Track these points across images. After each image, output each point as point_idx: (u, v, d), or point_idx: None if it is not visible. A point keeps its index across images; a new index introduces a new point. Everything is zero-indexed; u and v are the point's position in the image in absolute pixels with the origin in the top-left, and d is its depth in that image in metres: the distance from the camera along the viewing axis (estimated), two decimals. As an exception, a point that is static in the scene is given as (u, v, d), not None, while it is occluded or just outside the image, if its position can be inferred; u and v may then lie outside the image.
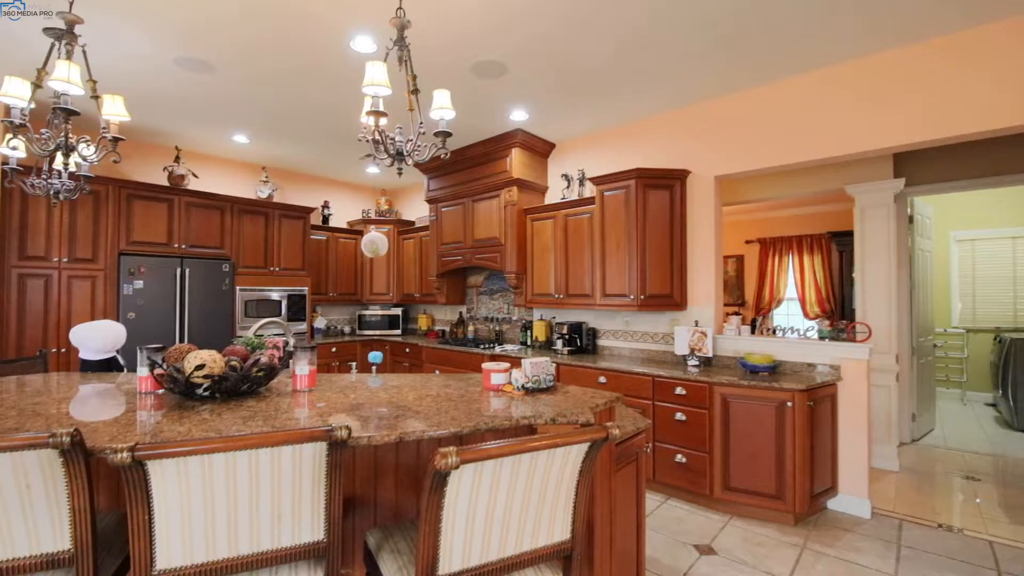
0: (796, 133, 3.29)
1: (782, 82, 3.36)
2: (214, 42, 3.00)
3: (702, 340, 3.41)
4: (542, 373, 1.89)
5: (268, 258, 5.21)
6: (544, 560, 1.28)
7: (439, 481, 1.07)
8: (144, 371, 1.79)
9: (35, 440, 1.06)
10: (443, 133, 2.19)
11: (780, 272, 6.89)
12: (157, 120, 4.28)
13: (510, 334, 5.10)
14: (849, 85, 3.09)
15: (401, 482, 1.83)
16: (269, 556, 1.19)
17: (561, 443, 1.18)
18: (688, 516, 3.09)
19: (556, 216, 4.27)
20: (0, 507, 1.08)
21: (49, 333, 3.97)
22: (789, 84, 3.33)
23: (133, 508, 1.06)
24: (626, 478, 2.00)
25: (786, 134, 3.33)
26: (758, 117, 3.46)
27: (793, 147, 3.31)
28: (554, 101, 3.77)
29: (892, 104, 2.94)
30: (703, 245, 3.69)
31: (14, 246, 3.82)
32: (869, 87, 3.01)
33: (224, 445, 1.07)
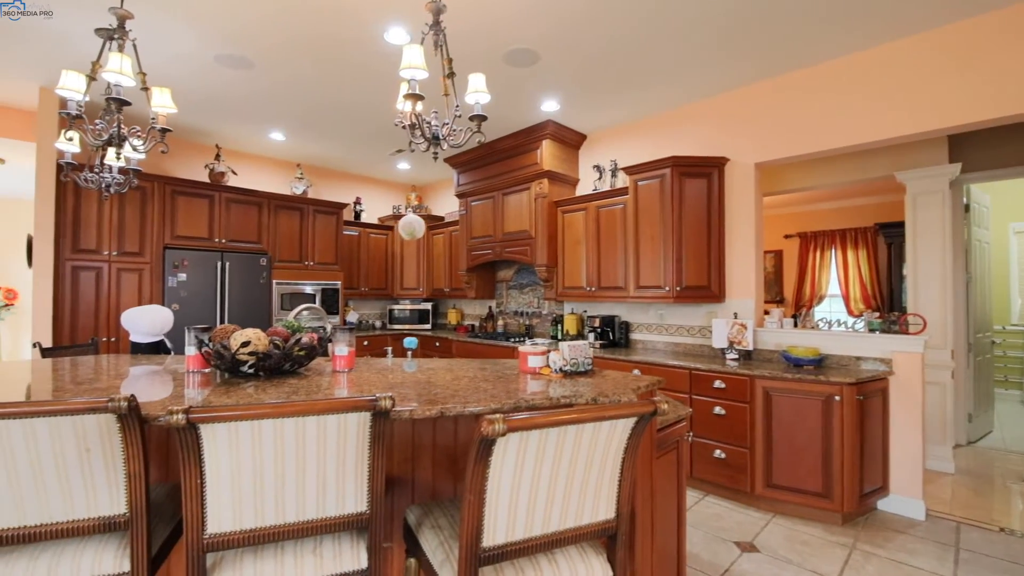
0: (842, 116, 3.15)
1: (826, 64, 3.22)
2: (254, 39, 3.08)
3: (741, 333, 3.29)
4: (580, 356, 1.86)
5: (303, 252, 5.33)
6: (587, 538, 1.24)
7: (485, 448, 1.05)
8: (192, 349, 1.84)
9: (95, 404, 1.09)
10: (479, 117, 2.17)
11: (822, 267, 6.63)
12: (199, 118, 4.43)
13: (540, 328, 5.06)
14: (900, 64, 2.94)
15: (438, 462, 1.82)
16: (314, 525, 1.19)
17: (609, 415, 1.14)
18: (727, 513, 2.99)
19: (588, 208, 4.22)
20: (62, 470, 1.11)
21: (100, 322, 4.15)
22: (834, 65, 3.19)
23: (186, 472, 1.08)
24: (667, 466, 1.94)
25: (831, 117, 3.19)
26: (801, 101, 3.33)
27: (839, 131, 3.16)
28: (586, 91, 3.72)
29: (947, 82, 2.77)
30: (742, 235, 3.57)
31: (68, 240, 4.01)
32: (923, 65, 2.86)
33: (273, 411, 1.08)
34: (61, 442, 1.10)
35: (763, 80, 3.50)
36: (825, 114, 3.22)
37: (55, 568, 1.15)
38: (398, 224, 4.52)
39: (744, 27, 2.85)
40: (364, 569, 1.24)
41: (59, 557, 1.17)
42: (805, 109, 3.30)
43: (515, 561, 1.21)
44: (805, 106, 3.31)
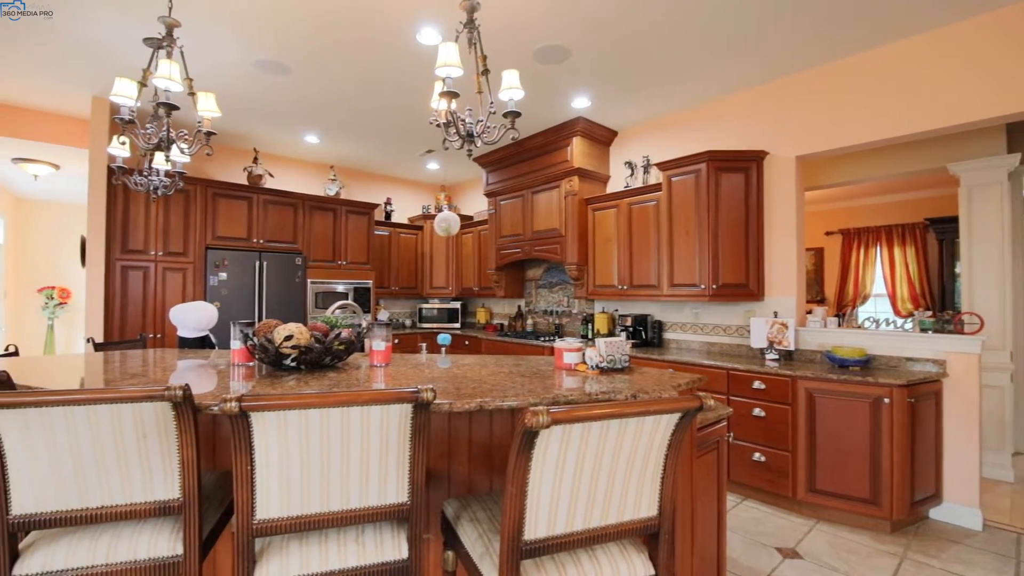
0: (891, 104, 3.01)
1: (874, 51, 3.08)
2: (292, 45, 3.17)
3: (782, 332, 3.19)
4: (617, 353, 1.83)
5: (336, 252, 5.45)
6: (629, 535, 1.22)
7: (527, 440, 1.04)
8: (237, 343, 1.90)
9: (152, 392, 1.14)
10: (512, 113, 2.18)
11: (866, 265, 6.34)
12: (238, 123, 4.58)
13: (570, 327, 5.03)
14: (954, 49, 2.78)
15: (474, 457, 1.82)
16: (357, 514, 1.21)
17: (653, 410, 1.12)
18: (767, 518, 2.89)
19: (619, 205, 4.16)
20: (121, 455, 1.16)
21: (147, 319, 4.34)
22: (883, 53, 3.05)
23: (238, 459, 1.11)
24: (707, 466, 1.89)
25: (879, 106, 3.05)
26: (846, 90, 3.19)
27: (888, 120, 3.02)
28: (618, 86, 3.68)
29: (1006, 66, 2.61)
30: (783, 231, 3.45)
31: (118, 241, 4.21)
32: (980, 49, 2.70)
33: (319, 401, 1.10)
34: (121, 428, 1.14)
35: (805, 70, 3.37)
36: (872, 103, 3.08)
37: (114, 549, 1.20)
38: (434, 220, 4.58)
39: (785, 15, 2.75)
40: (404, 559, 1.25)
41: (117, 539, 1.22)
42: (851, 99, 3.17)
43: (555, 556, 1.20)
44: (851, 95, 3.17)
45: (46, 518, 1.15)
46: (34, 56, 3.33)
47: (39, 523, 1.15)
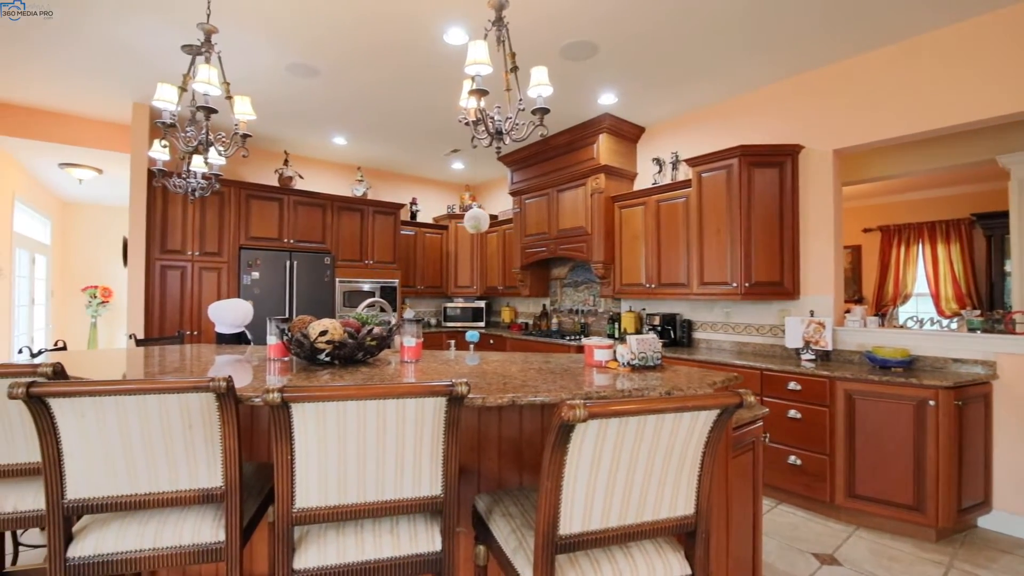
0: (937, 94, 2.87)
1: (922, 37, 2.95)
2: (322, 48, 3.23)
3: (819, 332, 3.09)
4: (649, 350, 1.80)
5: (363, 252, 5.54)
6: (664, 533, 1.20)
7: (563, 434, 1.03)
8: (274, 339, 1.95)
9: (198, 383, 1.17)
10: (541, 110, 2.17)
11: (907, 263, 6.08)
12: (269, 126, 4.70)
13: (596, 326, 4.99)
14: (1005, 34, 2.64)
15: (504, 453, 1.82)
16: (391, 505, 1.22)
17: (691, 405, 1.09)
18: (803, 523, 2.80)
19: (647, 202, 4.11)
20: (168, 443, 1.20)
21: (184, 317, 4.49)
22: (932, 39, 2.91)
23: (278, 448, 1.13)
24: (742, 468, 1.85)
25: (924, 96, 2.92)
26: (889, 79, 3.07)
27: (934, 110, 2.89)
28: (646, 81, 3.63)
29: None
30: (819, 227, 3.34)
31: (157, 241, 4.37)
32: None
33: (357, 392, 1.12)
34: (168, 418, 1.18)
35: (844, 60, 3.26)
36: (917, 93, 2.95)
37: (161, 534, 1.25)
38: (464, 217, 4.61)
39: (821, 4, 2.67)
40: (438, 551, 1.26)
41: (164, 524, 1.26)
42: (894, 88, 3.04)
43: (590, 552, 1.19)
44: (894, 85, 3.05)
45: (98, 503, 1.20)
46: (78, 66, 3.49)
47: (91, 507, 1.20)
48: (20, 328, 5.59)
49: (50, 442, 1.15)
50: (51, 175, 5.63)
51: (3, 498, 1.44)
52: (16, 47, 3.24)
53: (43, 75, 3.64)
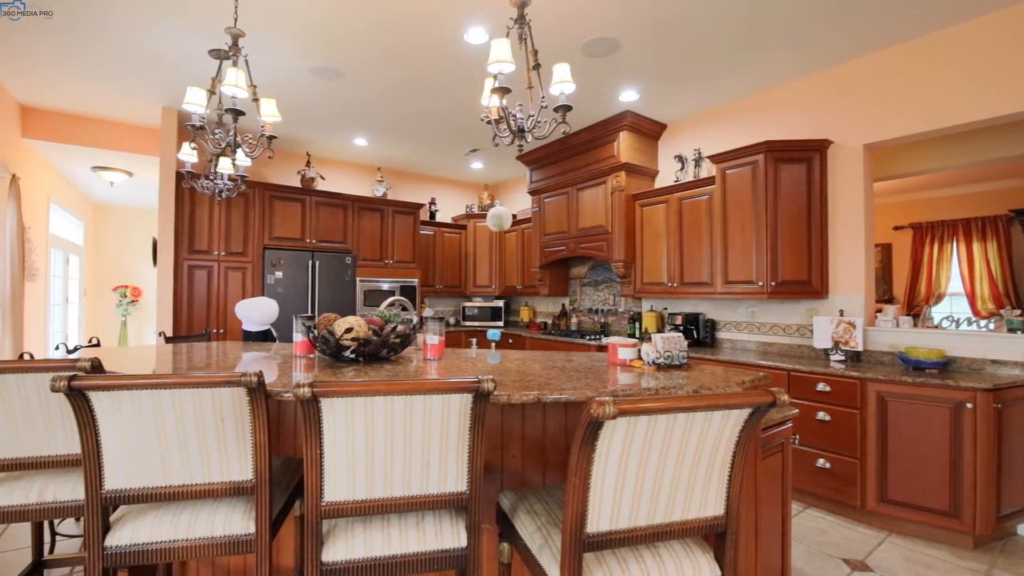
0: (975, 84, 2.76)
1: (956, 28, 2.84)
2: (346, 51, 3.27)
3: (849, 332, 3.00)
4: (675, 348, 1.78)
5: (383, 251, 5.59)
6: (693, 534, 1.18)
7: (592, 431, 1.02)
8: (299, 336, 1.98)
9: (230, 378, 1.19)
10: (564, 107, 2.16)
11: (940, 262, 5.87)
12: (293, 128, 4.78)
13: (616, 326, 4.94)
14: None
15: (527, 452, 1.81)
16: (417, 501, 1.23)
17: (723, 404, 1.07)
18: (832, 528, 2.73)
19: (669, 200, 4.05)
20: (201, 436, 1.23)
21: (211, 315, 4.60)
22: (966, 29, 2.81)
23: (308, 443, 1.15)
24: (771, 470, 1.80)
25: (961, 87, 2.81)
26: (923, 71, 2.97)
27: (971, 101, 2.77)
28: (668, 76, 3.58)
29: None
30: (849, 224, 3.25)
31: (185, 241, 4.48)
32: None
33: (386, 388, 1.13)
34: (201, 412, 1.21)
35: (876, 51, 3.16)
36: (953, 84, 2.84)
37: (194, 525, 1.27)
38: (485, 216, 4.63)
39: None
40: (463, 548, 1.26)
41: (196, 516, 1.29)
42: (928, 79, 2.94)
43: (617, 551, 1.17)
44: (928, 76, 2.94)
45: (134, 494, 1.23)
46: (110, 72, 3.61)
47: (127, 498, 1.23)
48: (55, 326, 5.79)
49: (90, 434, 1.18)
50: (84, 178, 5.83)
51: (43, 488, 1.49)
52: (51, 57, 3.35)
53: (77, 82, 3.77)
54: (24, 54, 3.34)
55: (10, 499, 1.45)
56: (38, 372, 1.39)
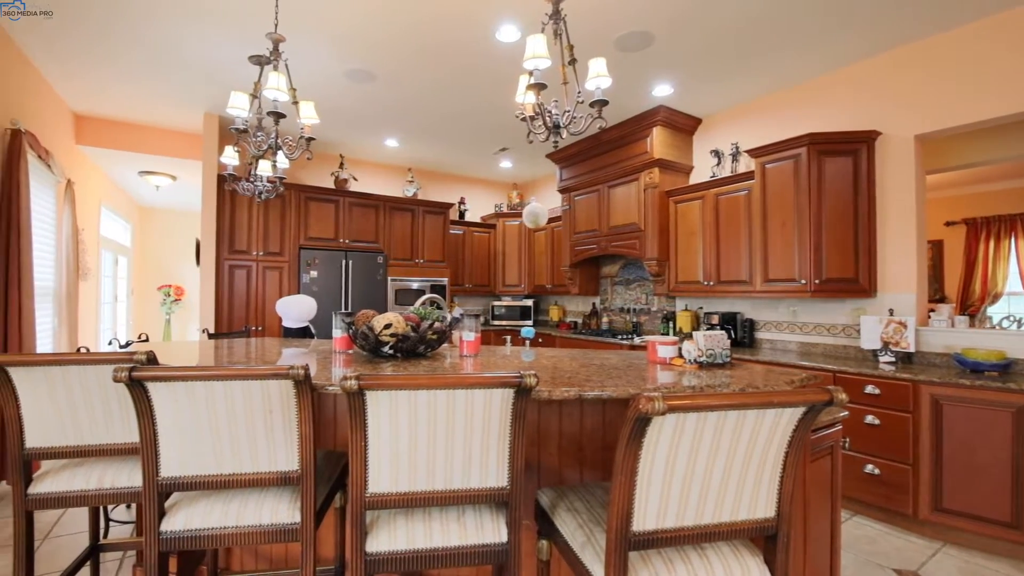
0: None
1: (1015, 11, 2.68)
2: (380, 53, 3.33)
3: (900, 332, 2.86)
4: (718, 347, 1.73)
5: (414, 251, 5.66)
6: (742, 536, 1.14)
7: (639, 427, 1.00)
8: (339, 332, 2.02)
9: (278, 371, 1.22)
10: (600, 102, 2.13)
11: (996, 259, 5.52)
12: (327, 130, 4.89)
13: (649, 326, 4.86)
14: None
15: (564, 449, 1.80)
16: (458, 495, 1.23)
17: (777, 402, 1.03)
18: (882, 536, 2.61)
19: (705, 196, 3.95)
20: (250, 427, 1.26)
21: (250, 313, 4.75)
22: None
23: (353, 435, 1.16)
24: (820, 473, 1.74)
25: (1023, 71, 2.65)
26: (980, 56, 2.80)
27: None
28: (705, 69, 3.50)
29: None
30: (900, 219, 3.09)
31: (225, 242, 4.64)
32: None
33: (429, 382, 1.13)
34: (251, 403, 1.24)
35: (932, 36, 2.99)
36: (1015, 68, 2.67)
37: (243, 513, 1.31)
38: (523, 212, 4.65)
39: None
40: (503, 543, 1.26)
41: (245, 504, 1.33)
42: (986, 64, 2.77)
43: (663, 551, 1.15)
44: (987, 61, 2.77)
45: (187, 481, 1.27)
46: (155, 80, 3.77)
47: (181, 485, 1.27)
48: (105, 323, 6.10)
49: (147, 423, 1.23)
50: (131, 182, 6.11)
51: (102, 475, 1.56)
52: (102, 66, 3.52)
53: (124, 87, 3.95)
54: (71, 57, 3.47)
55: (72, 484, 1.53)
56: (98, 364, 1.46)
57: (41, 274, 3.59)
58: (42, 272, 3.63)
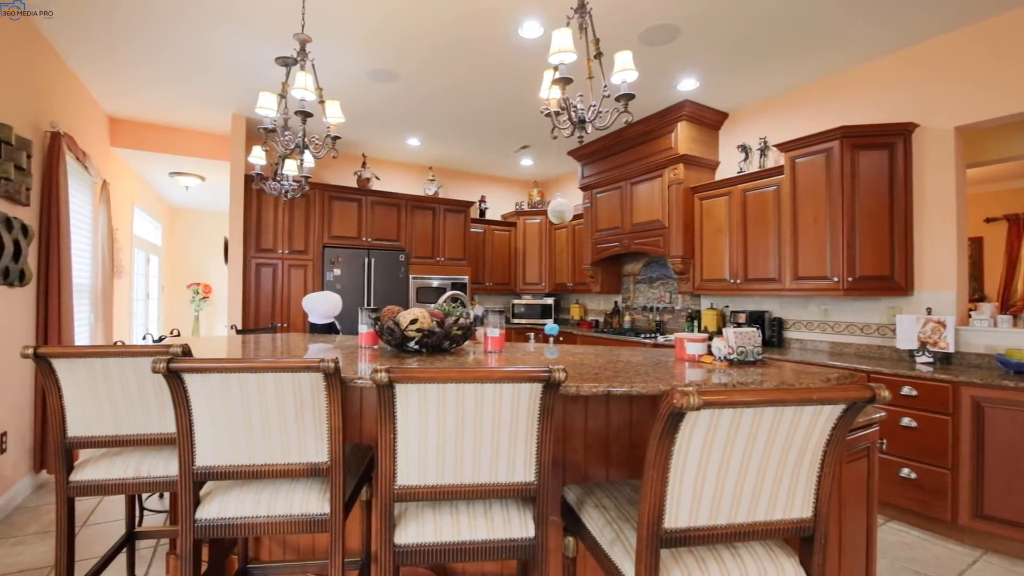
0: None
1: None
2: (402, 53, 3.35)
3: (938, 332, 2.75)
4: (749, 344, 1.69)
5: (435, 249, 5.69)
6: (777, 536, 1.11)
7: (672, 423, 0.98)
8: (365, 327, 2.04)
9: (309, 364, 1.24)
10: (626, 96, 2.10)
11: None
12: (350, 130, 4.95)
13: (672, 324, 4.79)
14: None
15: (589, 446, 1.78)
16: (486, 489, 1.23)
17: (816, 398, 1.00)
18: (919, 543, 2.51)
19: (731, 192, 3.87)
20: (282, 419, 1.28)
21: (275, 310, 4.84)
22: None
23: (382, 427, 1.17)
24: (855, 475, 1.68)
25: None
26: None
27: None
28: (732, 62, 3.42)
29: None
30: (938, 214, 2.98)
31: (252, 241, 4.74)
32: None
33: (457, 375, 1.13)
34: (282, 395, 1.26)
35: (974, 23, 2.87)
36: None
37: (274, 502, 1.33)
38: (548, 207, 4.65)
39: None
40: (531, 538, 1.25)
41: (276, 494, 1.35)
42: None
43: (695, 549, 1.13)
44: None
45: (221, 471, 1.30)
46: (185, 83, 3.86)
47: (215, 474, 1.30)
48: (138, 319, 6.30)
49: (184, 413, 1.26)
50: (162, 183, 6.30)
51: (139, 464, 1.60)
52: (132, 68, 3.62)
53: (156, 94, 4.07)
54: (100, 57, 3.57)
55: (110, 473, 1.57)
56: (136, 356, 1.50)
57: (79, 271, 3.73)
58: (80, 270, 3.76)
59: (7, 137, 2.65)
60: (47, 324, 3.08)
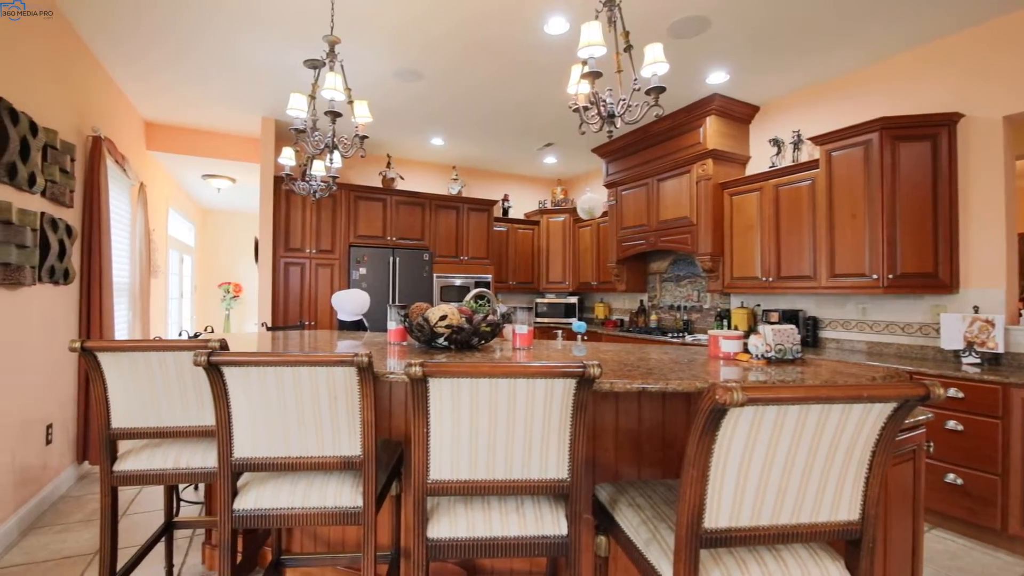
0: None
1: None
2: (427, 52, 3.37)
3: (986, 331, 2.62)
4: (787, 342, 1.63)
5: (458, 248, 5.71)
6: (822, 538, 1.07)
7: (713, 419, 0.95)
8: (393, 324, 2.05)
9: (343, 358, 1.25)
10: (657, 89, 2.07)
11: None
12: (375, 130, 5.01)
13: (700, 324, 4.69)
14: None
15: (620, 445, 1.75)
16: (518, 485, 1.22)
17: (866, 395, 0.95)
18: (965, 552, 2.40)
19: (763, 187, 3.77)
20: (317, 412, 1.30)
21: (303, 308, 4.93)
22: None
23: (416, 421, 1.17)
24: (901, 478, 1.61)
25: None
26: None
27: None
28: (764, 54, 3.33)
29: None
30: (985, 208, 2.84)
31: (281, 240, 4.84)
32: None
33: (490, 370, 1.12)
34: (317, 389, 1.28)
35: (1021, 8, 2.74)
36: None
37: (308, 494, 1.35)
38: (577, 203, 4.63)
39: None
40: (563, 536, 1.24)
41: (310, 487, 1.37)
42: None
43: (735, 551, 1.09)
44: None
45: (257, 462, 1.32)
46: (217, 86, 3.97)
47: (252, 466, 1.32)
48: (172, 317, 6.51)
49: (223, 405, 1.28)
50: (195, 185, 6.49)
51: (178, 455, 1.64)
52: (168, 72, 3.74)
53: (188, 97, 4.19)
54: (141, 61, 3.71)
55: (151, 463, 1.62)
56: (176, 351, 1.54)
57: (118, 271, 3.87)
58: (119, 269, 3.91)
59: (53, 141, 2.76)
60: (89, 321, 3.20)
